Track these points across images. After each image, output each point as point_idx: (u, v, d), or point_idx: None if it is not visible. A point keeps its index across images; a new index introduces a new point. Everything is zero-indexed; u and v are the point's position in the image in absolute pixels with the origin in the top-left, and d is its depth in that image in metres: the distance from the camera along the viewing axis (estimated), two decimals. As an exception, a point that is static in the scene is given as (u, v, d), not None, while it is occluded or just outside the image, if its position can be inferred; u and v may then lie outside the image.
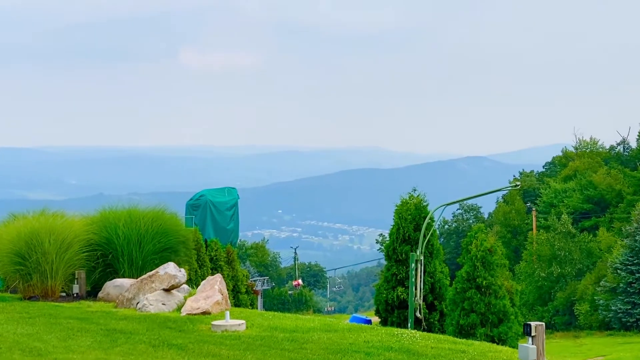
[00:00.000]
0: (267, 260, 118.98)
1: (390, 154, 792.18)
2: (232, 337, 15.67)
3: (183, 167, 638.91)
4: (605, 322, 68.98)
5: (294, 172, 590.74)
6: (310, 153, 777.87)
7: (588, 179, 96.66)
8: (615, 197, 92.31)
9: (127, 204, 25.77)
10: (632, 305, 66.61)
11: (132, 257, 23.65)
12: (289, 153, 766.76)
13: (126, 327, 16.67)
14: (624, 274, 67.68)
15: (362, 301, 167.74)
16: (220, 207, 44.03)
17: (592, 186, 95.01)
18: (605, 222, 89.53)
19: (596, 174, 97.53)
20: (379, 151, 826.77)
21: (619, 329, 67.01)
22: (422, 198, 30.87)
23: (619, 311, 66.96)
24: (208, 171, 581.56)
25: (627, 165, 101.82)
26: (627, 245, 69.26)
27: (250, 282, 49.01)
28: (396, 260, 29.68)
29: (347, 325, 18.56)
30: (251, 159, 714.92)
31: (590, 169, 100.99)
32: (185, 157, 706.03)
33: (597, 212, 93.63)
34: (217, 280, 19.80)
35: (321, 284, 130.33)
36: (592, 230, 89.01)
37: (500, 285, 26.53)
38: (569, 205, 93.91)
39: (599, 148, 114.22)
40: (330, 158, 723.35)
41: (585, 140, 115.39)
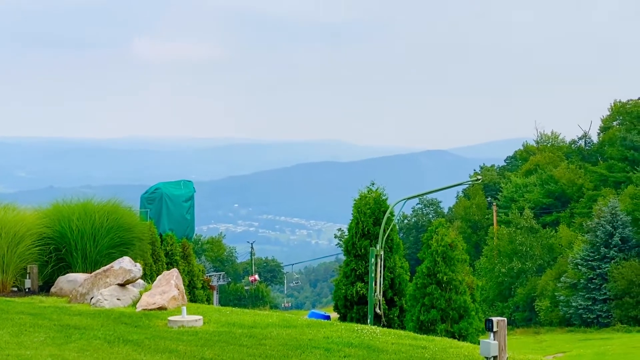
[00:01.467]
0: (223, 255, 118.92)
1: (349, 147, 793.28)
2: (189, 332, 15.70)
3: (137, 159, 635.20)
4: (565, 318, 69.89)
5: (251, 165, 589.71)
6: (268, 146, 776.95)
7: (549, 173, 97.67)
8: (576, 192, 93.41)
9: (79, 197, 25.63)
10: (593, 302, 67.53)
11: (86, 251, 23.54)
12: (246, 146, 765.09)
13: (80, 322, 16.63)
14: (584, 270, 68.60)
15: (319, 297, 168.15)
16: (176, 200, 43.89)
17: (553, 181, 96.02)
18: (566, 218, 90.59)
19: (557, 168, 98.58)
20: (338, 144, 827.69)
21: (580, 325, 67.93)
22: (381, 192, 31.03)
23: (579, 307, 67.86)
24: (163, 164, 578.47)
25: (589, 159, 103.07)
26: (588, 241, 70.21)
27: (207, 278, 48.93)
28: (355, 255, 29.83)
29: (306, 321, 18.67)
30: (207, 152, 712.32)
31: (552, 164, 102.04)
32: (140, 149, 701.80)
33: (558, 207, 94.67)
34: (174, 275, 19.81)
35: (278, 280, 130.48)
36: (553, 225, 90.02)
37: (461, 280, 26.79)
38: (530, 200, 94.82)
39: (561, 142, 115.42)
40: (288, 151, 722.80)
41: (547, 134, 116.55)
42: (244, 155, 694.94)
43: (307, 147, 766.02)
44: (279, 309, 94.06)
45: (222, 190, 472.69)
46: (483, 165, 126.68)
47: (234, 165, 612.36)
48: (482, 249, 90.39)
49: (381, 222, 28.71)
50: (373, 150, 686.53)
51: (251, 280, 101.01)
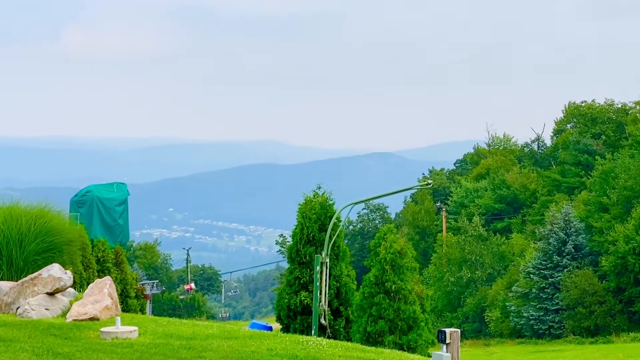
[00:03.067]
0: (157, 262, 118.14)
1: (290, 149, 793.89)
2: (123, 344, 15.55)
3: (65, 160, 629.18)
4: (516, 329, 70.57)
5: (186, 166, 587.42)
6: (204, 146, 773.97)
7: (501, 177, 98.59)
8: (529, 198, 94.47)
9: (2, 199, 25.29)
10: (545, 312, 68.28)
11: (11, 257, 23.16)
12: (181, 146, 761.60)
13: (6, 334, 16.38)
14: (536, 279, 69.34)
15: (259, 307, 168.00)
16: (109, 204, 43.60)
17: (505, 185, 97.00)
18: (518, 224, 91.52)
19: (509, 172, 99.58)
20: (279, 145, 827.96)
21: (531, 336, 68.64)
22: (327, 196, 31.06)
23: (530, 318, 68.56)
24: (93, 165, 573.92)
25: (541, 163, 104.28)
26: (541, 249, 71.00)
27: (140, 286, 48.60)
28: (299, 262, 29.82)
29: (248, 332, 18.62)
30: (140, 152, 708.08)
31: (504, 168, 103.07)
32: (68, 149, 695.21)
33: (510, 212, 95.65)
34: (107, 283, 19.61)
35: (215, 288, 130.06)
36: (505, 232, 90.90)
37: (410, 290, 26.93)
38: (481, 206, 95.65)
39: (513, 145, 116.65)
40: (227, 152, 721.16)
41: (499, 137, 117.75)
42: (179, 155, 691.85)
43: (247, 148, 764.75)
44: (216, 320, 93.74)
45: (157, 193, 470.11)
46: (432, 169, 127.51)
47: (170, 166, 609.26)
48: (430, 257, 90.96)
49: (327, 228, 28.73)
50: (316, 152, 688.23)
51: (187, 289, 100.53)
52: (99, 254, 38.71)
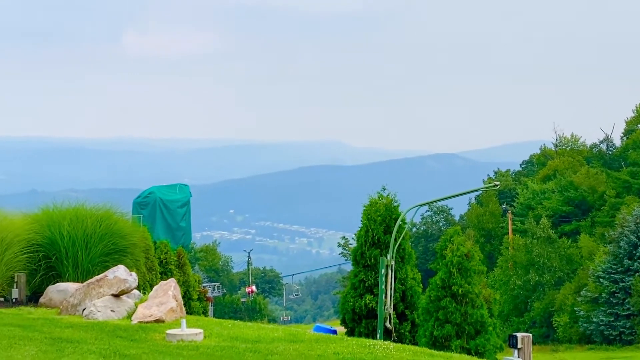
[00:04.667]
0: (218, 264, 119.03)
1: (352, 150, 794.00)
2: (189, 347, 15.71)
3: (125, 161, 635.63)
4: (586, 335, 69.80)
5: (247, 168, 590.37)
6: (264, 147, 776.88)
7: (568, 179, 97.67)
8: (597, 200, 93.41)
9: (65, 201, 25.68)
10: (615, 317, 67.44)
11: (77, 259, 23.60)
12: (241, 147, 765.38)
13: (72, 335, 16.65)
14: (606, 283, 68.52)
15: (321, 310, 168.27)
16: (171, 205, 43.94)
17: (573, 187, 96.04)
18: (587, 227, 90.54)
19: (577, 174, 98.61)
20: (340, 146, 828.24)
21: (601, 342, 67.83)
22: (392, 198, 31.03)
23: (600, 323, 67.77)
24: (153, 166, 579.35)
25: (611, 165, 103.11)
26: (610, 252, 70.14)
27: (203, 289, 48.98)
28: (364, 265, 29.79)
29: (313, 335, 18.68)
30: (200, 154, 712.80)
31: (571, 169, 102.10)
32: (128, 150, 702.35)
33: (578, 215, 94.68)
34: (171, 285, 19.84)
35: (276, 291, 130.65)
36: (573, 234, 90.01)
37: (477, 293, 26.76)
38: (548, 208, 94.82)
39: (581, 146, 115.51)
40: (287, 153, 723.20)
41: (566, 137, 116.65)
42: (239, 157, 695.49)
43: (308, 149, 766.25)
44: (277, 323, 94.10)
45: (217, 194, 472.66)
46: (497, 170, 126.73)
47: (230, 167, 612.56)
48: (496, 260, 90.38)
49: (392, 230, 28.69)
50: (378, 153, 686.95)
51: (248, 292, 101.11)
52: (161, 256, 39.08)
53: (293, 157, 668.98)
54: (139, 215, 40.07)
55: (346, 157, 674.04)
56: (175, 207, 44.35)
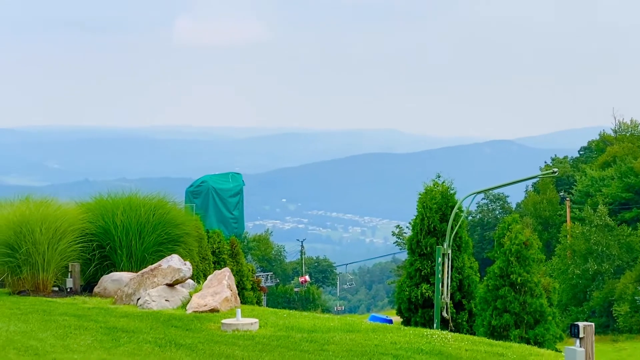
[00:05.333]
0: (271, 254, 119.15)
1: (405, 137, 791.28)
2: (244, 337, 15.77)
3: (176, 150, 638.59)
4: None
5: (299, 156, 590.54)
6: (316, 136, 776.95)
7: (628, 165, 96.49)
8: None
9: (117, 190, 25.86)
10: (678, 307, 66.70)
11: (131, 248, 23.76)
12: (293, 135, 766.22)
13: (128, 325, 16.79)
14: (668, 272, 67.76)
15: (374, 300, 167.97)
16: (224, 194, 44.12)
17: (633, 173, 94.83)
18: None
19: (637, 160, 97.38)
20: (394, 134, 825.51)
21: (663, 332, 67.11)
22: (448, 185, 30.91)
23: (662, 313, 67.08)
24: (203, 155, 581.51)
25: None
26: (672, 240, 69.34)
27: (257, 278, 49.10)
28: (420, 254, 29.72)
29: (370, 325, 18.66)
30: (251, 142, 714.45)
31: (631, 155, 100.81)
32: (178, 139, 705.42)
33: (639, 202, 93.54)
34: (226, 275, 19.90)
35: (330, 281, 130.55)
36: (633, 222, 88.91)
37: (536, 282, 26.61)
38: (607, 195, 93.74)
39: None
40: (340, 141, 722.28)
41: (626, 123, 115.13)
42: (292, 145, 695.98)
43: (360, 136, 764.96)
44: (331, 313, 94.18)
45: (269, 183, 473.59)
46: (554, 157, 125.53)
47: (282, 156, 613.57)
48: (553, 248, 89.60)
49: (448, 218, 28.58)
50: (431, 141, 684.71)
51: (301, 282, 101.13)
52: (214, 246, 39.23)
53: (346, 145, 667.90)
54: (192, 204, 40.25)
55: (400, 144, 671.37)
56: (227, 196, 44.54)
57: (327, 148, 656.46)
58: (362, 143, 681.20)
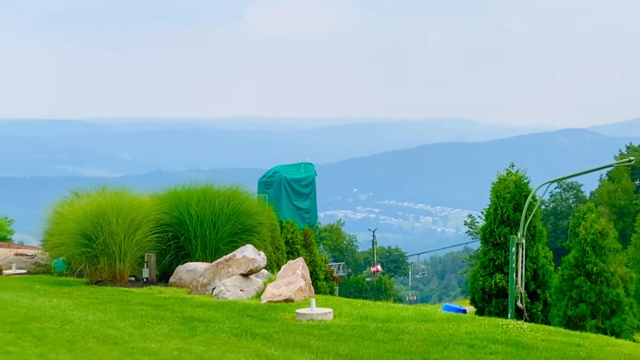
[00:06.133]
0: (343, 244, 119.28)
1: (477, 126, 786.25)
2: (319, 326, 15.82)
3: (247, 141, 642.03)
4: None
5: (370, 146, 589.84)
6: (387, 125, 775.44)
7: None
8: None
9: (189, 181, 26.14)
10: None
11: (206, 239, 24.01)
12: (364, 125, 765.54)
13: (204, 314, 16.97)
14: None
15: (447, 290, 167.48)
16: (296, 184, 44.28)
17: None
18: None
19: None
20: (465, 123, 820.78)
21: None
22: (522, 175, 30.71)
23: None
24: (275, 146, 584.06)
25: None
26: None
27: (330, 268, 49.24)
28: (494, 243, 29.58)
29: (444, 314, 18.61)
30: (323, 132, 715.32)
31: None
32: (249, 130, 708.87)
33: None
34: (300, 264, 20.00)
35: (402, 271, 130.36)
36: None
37: (613, 272, 26.34)
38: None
39: None
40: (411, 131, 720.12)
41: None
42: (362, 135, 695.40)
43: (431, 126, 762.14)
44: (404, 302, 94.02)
45: (340, 173, 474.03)
46: (630, 145, 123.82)
47: (352, 146, 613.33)
48: (629, 238, 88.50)
49: (522, 207, 28.39)
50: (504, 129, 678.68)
51: (373, 272, 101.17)
52: (287, 236, 39.44)
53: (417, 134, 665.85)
54: (265, 195, 40.47)
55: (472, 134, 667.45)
56: (300, 186, 44.68)
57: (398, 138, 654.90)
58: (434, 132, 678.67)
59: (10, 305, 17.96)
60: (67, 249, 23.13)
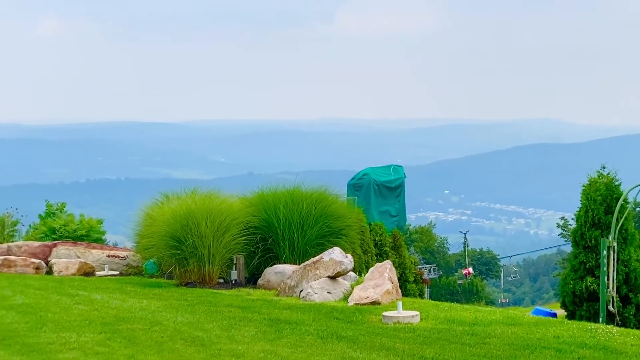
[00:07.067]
0: (434, 246, 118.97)
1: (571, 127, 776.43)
2: (405, 329, 15.84)
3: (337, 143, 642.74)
4: None
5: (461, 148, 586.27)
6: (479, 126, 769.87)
7: None
8: None
9: (281, 183, 26.34)
10: None
11: (293, 241, 24.19)
12: (455, 127, 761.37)
13: (290, 317, 17.11)
14: None
15: (540, 292, 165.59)
16: (385, 187, 44.28)
17: None
18: None
19: None
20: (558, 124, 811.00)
21: None
22: (613, 177, 30.26)
23: None
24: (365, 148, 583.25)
25: None
26: None
27: (419, 271, 49.16)
28: (584, 246, 29.18)
29: (532, 318, 18.48)
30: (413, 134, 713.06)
31: None
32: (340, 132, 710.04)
33: None
34: (387, 267, 20.04)
35: (494, 273, 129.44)
36: None
37: None
38: None
39: None
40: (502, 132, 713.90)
41: None
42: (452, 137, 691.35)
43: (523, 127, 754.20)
44: (495, 305, 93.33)
45: (431, 175, 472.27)
46: None
47: (444, 148, 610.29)
48: None
49: (613, 210, 27.99)
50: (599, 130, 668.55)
51: (465, 274, 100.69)
52: (376, 238, 39.44)
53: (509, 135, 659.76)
54: (354, 197, 40.54)
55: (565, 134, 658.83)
56: (389, 188, 44.65)
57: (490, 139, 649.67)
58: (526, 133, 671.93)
59: (101, 306, 18.35)
60: (157, 250, 23.54)
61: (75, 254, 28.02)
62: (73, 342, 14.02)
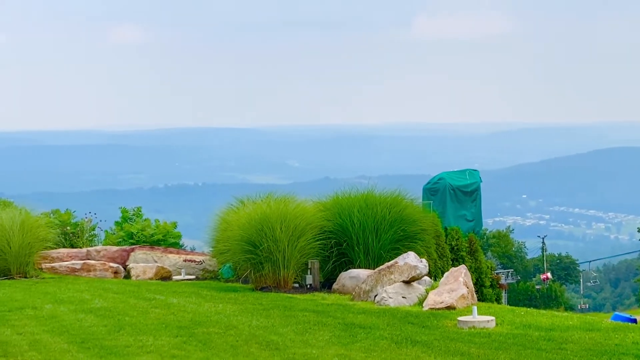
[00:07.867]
0: (511, 251, 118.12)
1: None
2: (480, 334, 15.76)
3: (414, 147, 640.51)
4: None
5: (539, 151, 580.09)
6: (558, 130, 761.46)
7: None
8: None
9: (356, 188, 26.39)
10: None
11: (368, 246, 24.22)
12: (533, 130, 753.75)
13: (365, 321, 17.13)
14: None
15: (621, 298, 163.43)
16: (461, 191, 44.15)
17: None
18: None
19: None
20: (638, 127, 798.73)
21: None
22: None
23: None
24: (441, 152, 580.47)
25: None
26: None
27: (496, 275, 48.83)
28: (664, 251, 28.83)
29: (610, 324, 18.25)
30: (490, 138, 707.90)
31: None
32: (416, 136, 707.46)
33: None
34: (462, 272, 19.97)
35: (573, 278, 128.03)
36: None
37: None
38: None
39: None
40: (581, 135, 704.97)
41: None
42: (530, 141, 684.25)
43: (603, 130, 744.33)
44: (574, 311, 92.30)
45: (508, 179, 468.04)
46: None
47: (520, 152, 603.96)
48: None
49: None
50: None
51: (543, 279, 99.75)
52: (452, 243, 39.33)
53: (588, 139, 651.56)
54: (429, 202, 40.47)
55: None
56: (464, 193, 44.51)
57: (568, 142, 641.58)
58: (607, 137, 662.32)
59: (178, 310, 18.57)
60: (233, 255, 23.73)
61: (153, 259, 28.41)
62: (150, 345, 14.26)
